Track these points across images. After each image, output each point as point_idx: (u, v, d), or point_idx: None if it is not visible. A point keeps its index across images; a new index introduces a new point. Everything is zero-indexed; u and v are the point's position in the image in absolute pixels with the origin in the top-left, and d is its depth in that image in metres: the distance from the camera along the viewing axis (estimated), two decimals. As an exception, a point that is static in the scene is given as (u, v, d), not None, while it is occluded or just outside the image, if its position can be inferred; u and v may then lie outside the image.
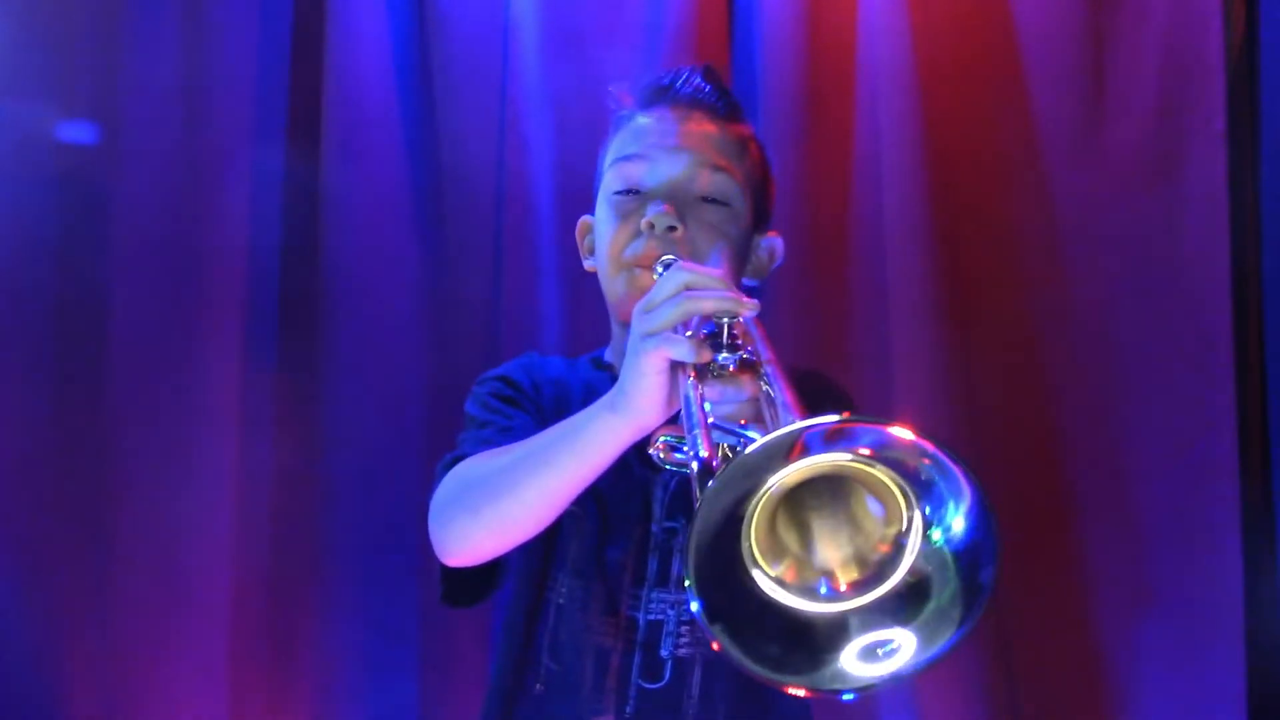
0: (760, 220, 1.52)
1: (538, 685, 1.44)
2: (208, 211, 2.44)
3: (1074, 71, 2.22)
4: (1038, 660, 2.15)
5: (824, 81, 2.31)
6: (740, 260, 1.48)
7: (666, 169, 1.45)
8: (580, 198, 2.37)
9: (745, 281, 1.52)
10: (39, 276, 2.43)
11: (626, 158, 1.47)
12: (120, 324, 2.42)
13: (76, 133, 2.46)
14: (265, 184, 2.46)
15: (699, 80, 1.50)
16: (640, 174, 1.46)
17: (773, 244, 1.55)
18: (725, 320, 1.13)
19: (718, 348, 1.12)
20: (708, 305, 1.13)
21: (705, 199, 1.44)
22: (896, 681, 1.00)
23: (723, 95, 1.50)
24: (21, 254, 2.41)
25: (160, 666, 2.36)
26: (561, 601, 1.43)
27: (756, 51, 2.36)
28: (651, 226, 1.40)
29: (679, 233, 1.40)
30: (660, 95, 1.49)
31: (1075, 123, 2.22)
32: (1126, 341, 2.16)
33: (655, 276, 1.34)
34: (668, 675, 1.38)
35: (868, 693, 0.99)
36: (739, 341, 1.13)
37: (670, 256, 1.36)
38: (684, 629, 1.39)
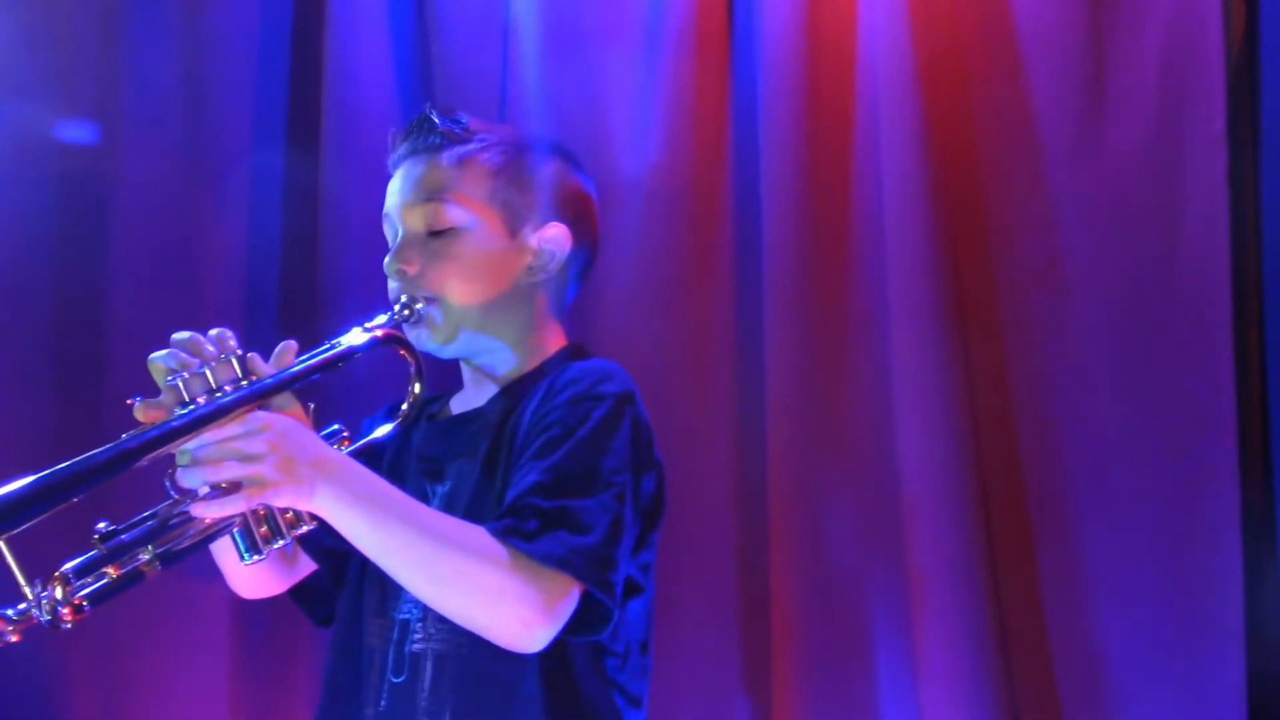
0: (519, 222, 1.60)
1: (325, 690, 1.59)
2: (208, 211, 2.44)
3: (1074, 71, 2.22)
4: (1037, 660, 2.15)
5: (824, 81, 2.31)
6: (495, 271, 1.58)
7: (395, 221, 1.61)
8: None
9: (536, 279, 1.61)
10: (39, 276, 2.43)
11: (383, 220, 1.64)
12: (120, 324, 2.42)
13: (77, 133, 2.46)
14: (265, 184, 2.47)
15: (413, 127, 1.62)
16: (387, 230, 1.63)
17: (545, 236, 1.61)
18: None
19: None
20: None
21: (432, 233, 1.57)
22: None
23: (430, 131, 1.60)
24: (21, 254, 2.42)
25: (160, 667, 2.36)
26: (350, 608, 1.59)
27: (756, 51, 2.36)
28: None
29: (409, 274, 1.56)
30: (390, 154, 1.64)
31: (1075, 123, 2.21)
32: (1126, 341, 2.16)
33: (397, 316, 1.53)
34: (406, 669, 1.49)
35: None
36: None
37: (403, 298, 1.55)
38: (419, 625, 1.49)
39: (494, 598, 1.35)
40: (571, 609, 1.38)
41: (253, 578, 1.61)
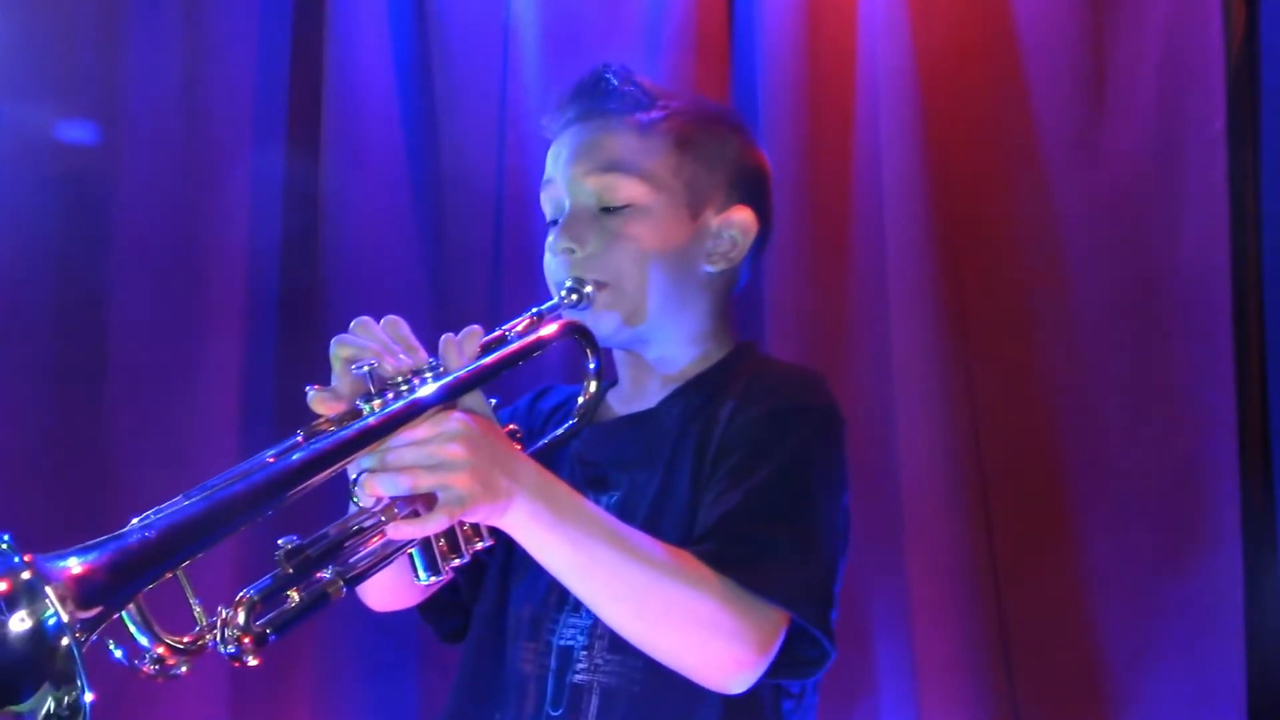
0: (702, 203, 1.44)
1: (470, 709, 1.43)
2: (208, 211, 2.44)
3: (1074, 71, 2.22)
4: (1038, 660, 2.15)
5: (824, 81, 2.31)
6: (674, 255, 1.42)
7: (561, 191, 1.45)
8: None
9: (706, 269, 1.45)
10: (39, 276, 2.43)
11: (542, 187, 1.49)
12: (120, 324, 2.42)
13: (76, 133, 2.46)
14: (265, 184, 2.47)
15: (586, 87, 1.46)
16: (547, 201, 1.47)
17: (732, 220, 1.45)
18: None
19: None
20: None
21: (606, 209, 1.41)
22: None
23: (609, 95, 1.44)
24: (21, 254, 2.42)
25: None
26: (489, 627, 1.43)
27: (756, 51, 2.36)
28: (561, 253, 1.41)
29: (578, 254, 1.40)
30: (557, 116, 1.49)
31: (1075, 123, 2.21)
32: (1126, 341, 2.16)
33: (559, 299, 1.38)
34: (565, 702, 1.33)
35: None
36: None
37: (569, 282, 1.39)
38: (583, 654, 1.34)
39: (707, 631, 1.20)
40: (779, 645, 1.24)
41: (389, 589, 1.42)
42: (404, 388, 1.15)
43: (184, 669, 1.03)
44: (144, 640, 1.01)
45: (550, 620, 1.36)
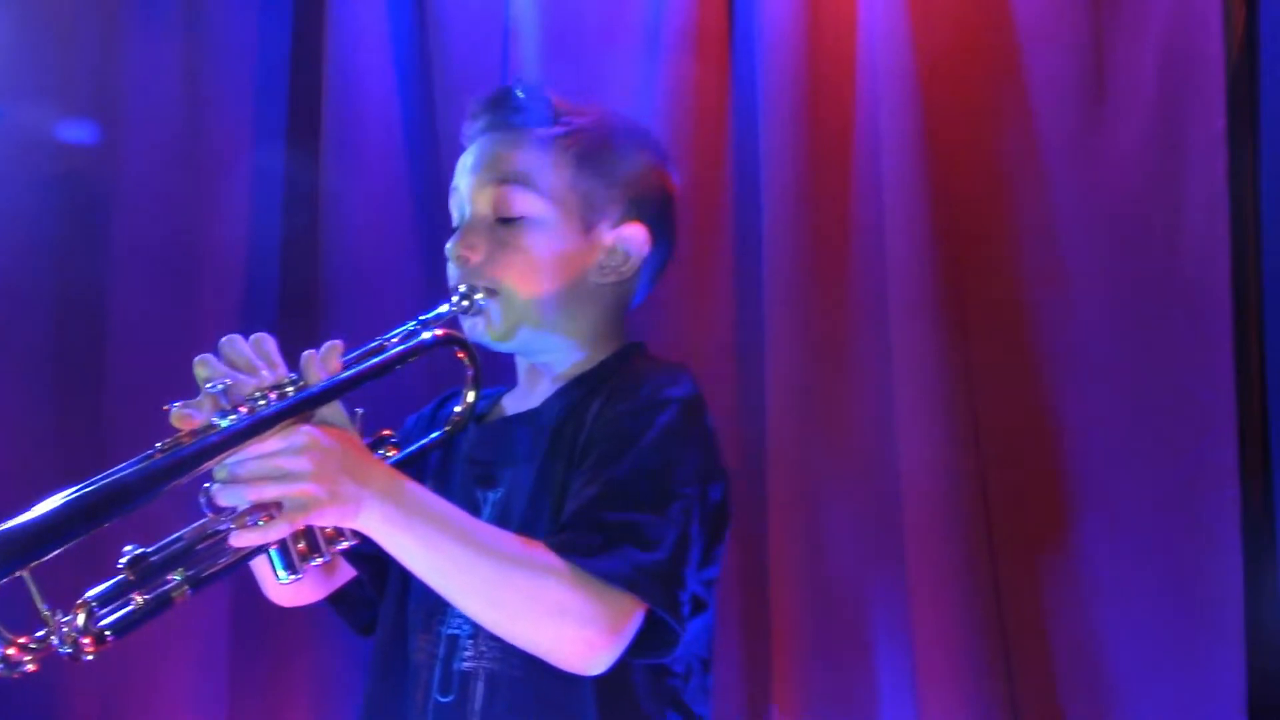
0: (596, 217, 1.49)
1: (365, 707, 1.51)
2: (208, 211, 2.44)
3: (1074, 71, 2.22)
4: (1037, 660, 2.15)
5: (824, 81, 2.31)
6: (564, 267, 1.47)
7: (463, 199, 1.51)
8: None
9: (605, 280, 1.51)
10: (39, 276, 2.43)
11: (450, 194, 1.55)
12: (120, 324, 2.42)
13: (76, 133, 2.47)
14: (265, 184, 2.47)
15: (495, 100, 1.53)
16: (453, 208, 1.53)
17: (624, 236, 1.50)
18: None
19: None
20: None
21: (502, 220, 1.47)
22: None
23: (515, 109, 1.50)
24: (21, 254, 2.42)
25: (160, 667, 2.36)
26: (392, 620, 1.50)
27: (756, 51, 2.36)
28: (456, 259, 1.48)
29: (474, 261, 1.46)
30: (468, 127, 1.55)
31: (1075, 123, 2.21)
32: (1126, 341, 2.16)
33: (454, 306, 1.44)
34: (455, 689, 1.40)
35: None
36: None
37: (462, 288, 1.45)
38: (469, 642, 1.40)
39: (556, 618, 1.27)
40: (636, 629, 1.30)
41: (292, 586, 1.45)
42: (261, 403, 1.22)
43: (30, 667, 1.11)
44: None
45: (440, 612, 1.42)
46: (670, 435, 1.36)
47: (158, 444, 1.19)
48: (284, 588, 1.47)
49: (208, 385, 1.24)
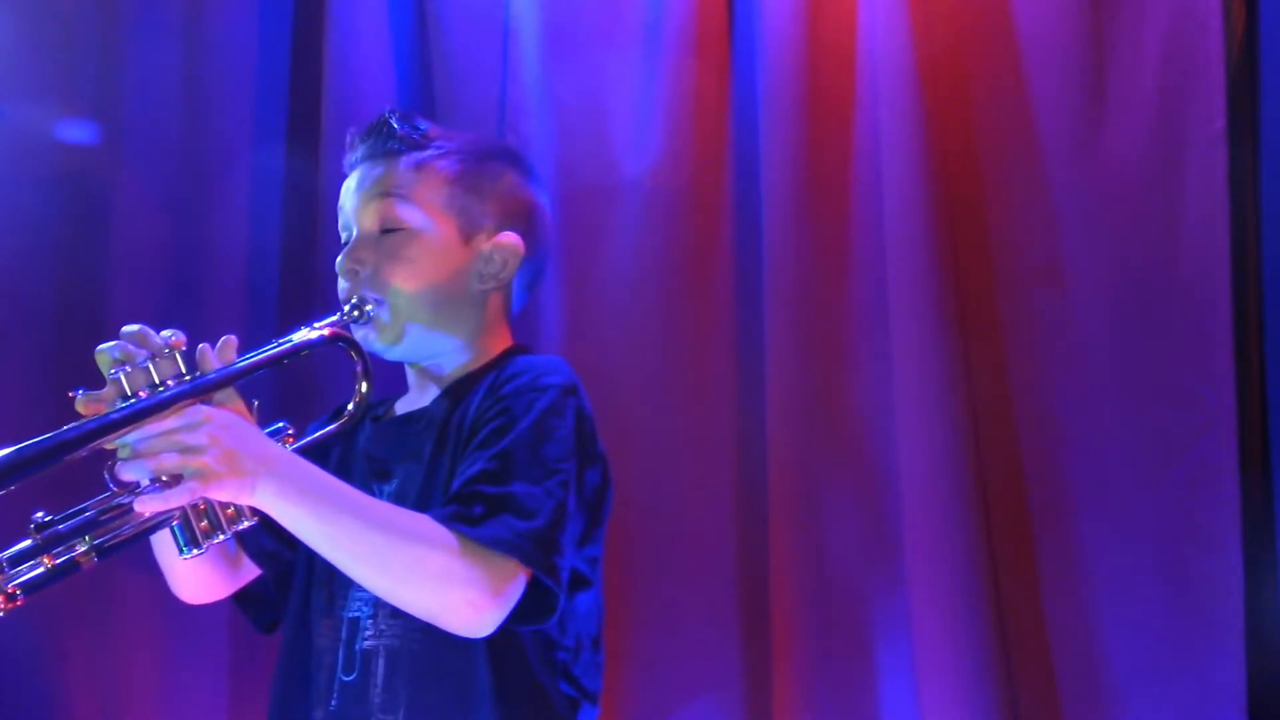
0: (473, 229, 1.60)
1: (274, 693, 1.59)
2: (208, 211, 2.44)
3: (1074, 71, 2.22)
4: (1037, 660, 2.15)
5: (824, 81, 2.31)
6: (446, 273, 1.58)
7: (349, 218, 1.63)
8: (580, 198, 2.38)
9: (486, 287, 1.60)
10: (40, 277, 2.43)
11: (338, 215, 1.66)
12: (120, 324, 2.41)
13: (77, 133, 2.47)
14: (265, 183, 2.47)
15: (373, 129, 1.63)
16: (341, 225, 1.66)
17: (501, 244, 1.61)
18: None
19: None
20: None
21: (384, 231, 1.58)
22: None
23: (388, 136, 1.61)
24: (21, 254, 2.42)
25: (160, 666, 2.36)
26: (297, 610, 1.59)
27: (757, 51, 2.36)
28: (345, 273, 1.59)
29: (363, 272, 1.57)
30: (349, 156, 1.66)
31: (1075, 123, 2.21)
32: (1126, 341, 2.16)
33: (346, 316, 1.55)
34: (357, 667, 1.49)
35: None
36: None
37: (353, 299, 1.57)
38: (369, 622, 1.49)
39: (441, 582, 1.35)
40: (519, 593, 1.38)
41: (194, 579, 1.60)
42: (160, 388, 1.31)
43: None
44: None
45: (341, 597, 1.51)
46: (547, 416, 1.45)
47: (65, 426, 1.27)
48: (189, 581, 1.60)
49: (110, 372, 1.33)
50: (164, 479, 1.26)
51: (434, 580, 1.35)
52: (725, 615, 2.29)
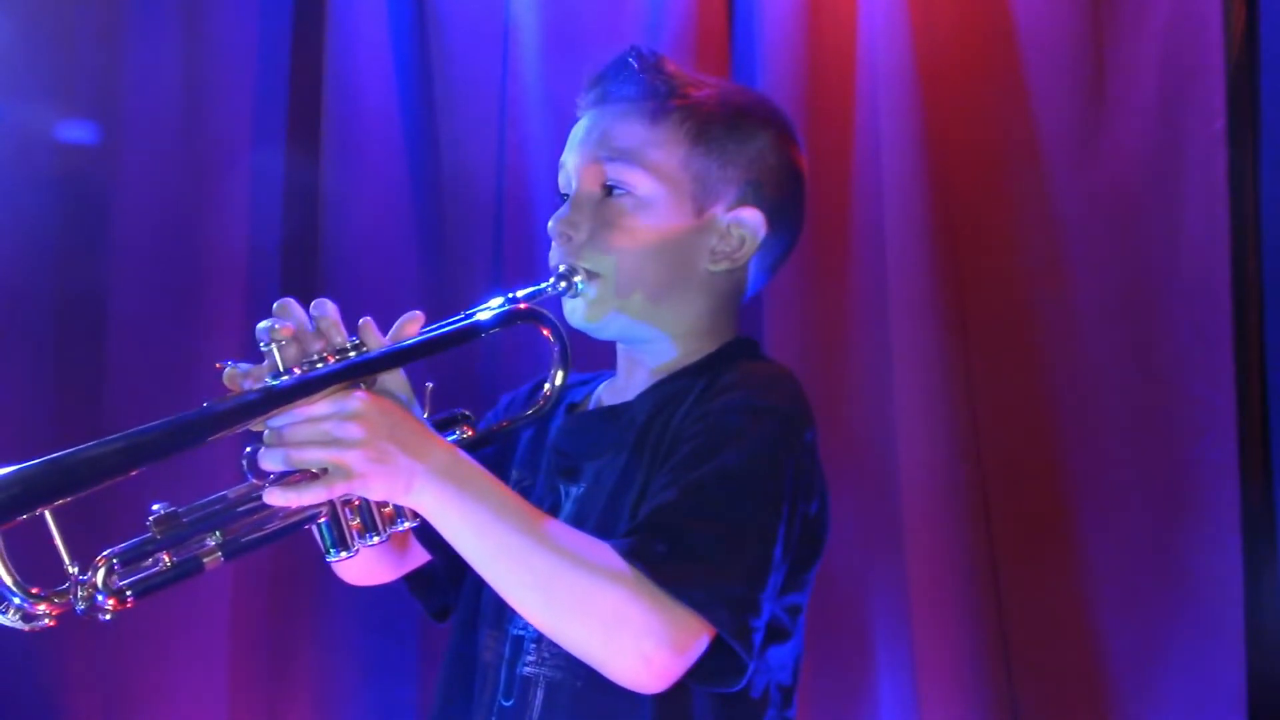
0: (710, 199, 1.38)
1: (438, 696, 1.44)
2: (208, 211, 2.44)
3: (1074, 71, 2.22)
4: (1037, 660, 2.16)
5: (824, 81, 2.31)
6: (672, 251, 1.37)
7: (571, 172, 1.42)
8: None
9: (717, 268, 1.39)
10: (39, 276, 2.43)
11: (559, 166, 1.45)
12: (120, 324, 2.42)
13: (76, 133, 2.47)
14: (265, 183, 2.47)
15: (610, 71, 1.43)
16: (561, 180, 1.44)
17: (741, 219, 1.39)
18: None
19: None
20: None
21: (608, 197, 1.38)
22: None
23: (629, 81, 1.40)
24: (21, 254, 2.42)
25: (160, 667, 2.36)
26: (467, 611, 1.44)
27: (756, 51, 2.36)
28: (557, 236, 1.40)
29: (576, 240, 1.37)
30: (583, 96, 1.45)
31: (1075, 123, 2.21)
32: (1126, 341, 2.16)
33: (550, 288, 1.35)
34: (516, 693, 1.33)
35: None
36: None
37: (561, 268, 1.37)
38: (532, 646, 1.32)
39: (612, 626, 1.16)
40: (701, 649, 1.19)
41: (359, 564, 1.41)
42: (319, 364, 1.17)
43: (49, 621, 1.09)
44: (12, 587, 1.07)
45: (511, 609, 1.30)
46: (763, 446, 1.26)
47: (204, 402, 1.15)
48: (353, 566, 1.42)
49: (262, 346, 1.18)
50: (313, 471, 1.13)
51: (603, 621, 1.16)
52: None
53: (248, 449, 1.16)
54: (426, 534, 1.31)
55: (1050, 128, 2.22)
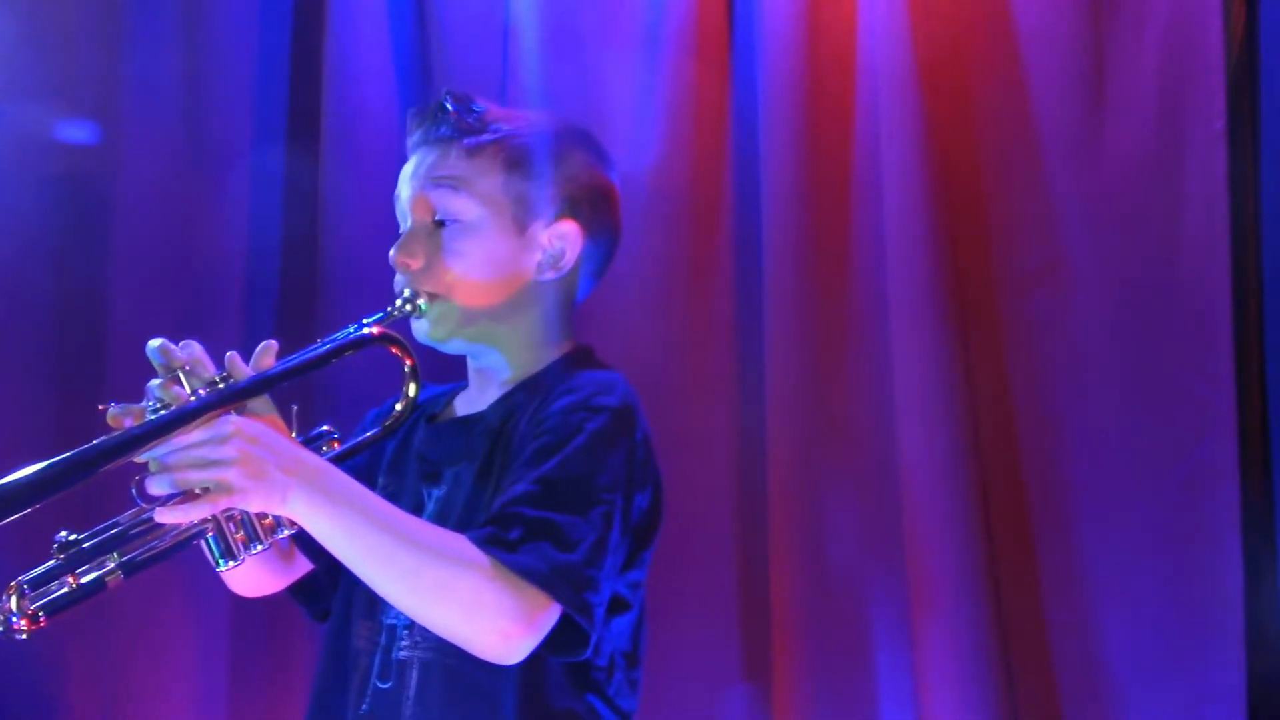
0: (529, 217, 1.54)
1: (314, 689, 1.58)
2: (208, 211, 2.44)
3: (1074, 71, 2.22)
4: (1037, 660, 2.15)
5: (824, 81, 2.31)
6: (502, 268, 1.53)
7: (404, 208, 1.57)
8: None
9: (544, 278, 1.54)
10: (39, 276, 2.43)
11: (395, 204, 1.60)
12: (120, 324, 2.42)
13: (76, 133, 2.47)
14: (265, 184, 2.47)
15: (427, 114, 1.57)
16: (398, 212, 1.60)
17: (559, 232, 1.55)
18: None
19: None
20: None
21: (440, 225, 1.53)
22: None
23: (443, 120, 1.55)
24: (21, 254, 2.42)
25: (160, 667, 2.36)
26: (341, 608, 1.57)
27: (756, 51, 2.36)
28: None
29: (414, 267, 1.52)
30: (407, 140, 1.61)
31: (1075, 123, 2.21)
32: (1126, 341, 2.16)
33: (396, 311, 1.50)
34: (393, 676, 1.47)
35: None
36: None
37: (406, 293, 1.52)
38: (405, 632, 1.47)
39: (470, 607, 1.32)
40: (551, 623, 1.35)
41: (249, 576, 1.59)
42: (192, 398, 1.31)
43: None
44: None
45: (383, 601, 1.45)
46: (597, 441, 1.41)
47: (95, 440, 1.26)
48: (243, 578, 1.59)
49: (148, 386, 1.32)
50: (195, 491, 1.25)
51: (463, 604, 1.32)
52: (725, 614, 2.29)
53: (138, 477, 1.27)
54: (306, 543, 1.49)
55: (1050, 128, 2.22)
